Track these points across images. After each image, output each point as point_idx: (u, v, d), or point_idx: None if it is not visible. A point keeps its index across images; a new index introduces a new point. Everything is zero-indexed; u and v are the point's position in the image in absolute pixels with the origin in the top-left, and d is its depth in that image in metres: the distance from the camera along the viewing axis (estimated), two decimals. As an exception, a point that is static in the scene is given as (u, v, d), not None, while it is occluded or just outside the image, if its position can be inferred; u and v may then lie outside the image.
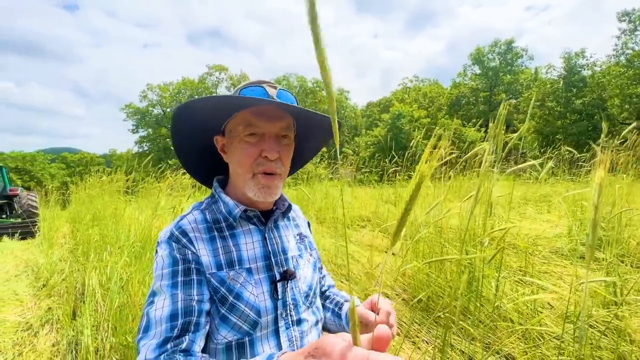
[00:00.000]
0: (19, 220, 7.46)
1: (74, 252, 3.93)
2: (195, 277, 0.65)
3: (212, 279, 0.65)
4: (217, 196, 0.76)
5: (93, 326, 2.12)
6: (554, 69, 23.82)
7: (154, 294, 0.65)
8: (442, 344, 1.14)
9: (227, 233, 0.71)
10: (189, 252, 0.66)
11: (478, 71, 34.83)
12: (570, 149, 3.10)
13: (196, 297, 0.63)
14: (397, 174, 4.34)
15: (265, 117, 0.69)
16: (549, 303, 1.79)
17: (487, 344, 1.70)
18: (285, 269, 0.73)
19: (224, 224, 0.72)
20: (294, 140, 0.77)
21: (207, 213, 0.74)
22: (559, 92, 21.97)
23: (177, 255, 0.66)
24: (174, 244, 0.66)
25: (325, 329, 0.87)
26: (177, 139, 0.77)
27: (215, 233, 0.70)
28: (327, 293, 0.94)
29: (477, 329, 1.75)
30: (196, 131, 0.75)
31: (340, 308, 0.86)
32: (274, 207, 0.79)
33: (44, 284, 3.45)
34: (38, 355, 2.21)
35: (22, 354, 2.23)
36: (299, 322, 0.73)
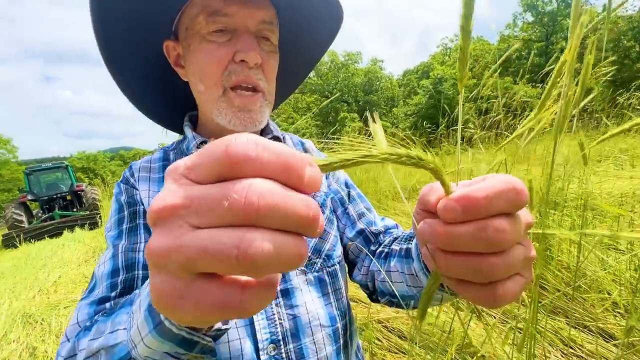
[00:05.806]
0: (87, 212, 8.37)
1: (130, 237, 4.22)
2: (142, 221, 0.51)
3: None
4: (185, 133, 0.59)
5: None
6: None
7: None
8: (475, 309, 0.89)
9: None
10: (137, 192, 0.54)
11: (531, 19, 30.74)
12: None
13: (143, 245, 0.48)
14: (442, 142, 4.05)
15: (240, 0, 0.47)
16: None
17: (574, 318, 1.39)
18: None
19: None
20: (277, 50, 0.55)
21: (171, 153, 0.59)
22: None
23: (123, 199, 0.53)
24: (122, 185, 0.55)
25: (389, 293, 0.52)
26: (109, 44, 0.50)
27: None
28: (393, 234, 0.61)
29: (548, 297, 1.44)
30: (135, 33, 0.51)
31: (409, 240, 0.51)
32: None
33: (107, 266, 3.74)
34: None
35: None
36: (286, 293, 0.50)
